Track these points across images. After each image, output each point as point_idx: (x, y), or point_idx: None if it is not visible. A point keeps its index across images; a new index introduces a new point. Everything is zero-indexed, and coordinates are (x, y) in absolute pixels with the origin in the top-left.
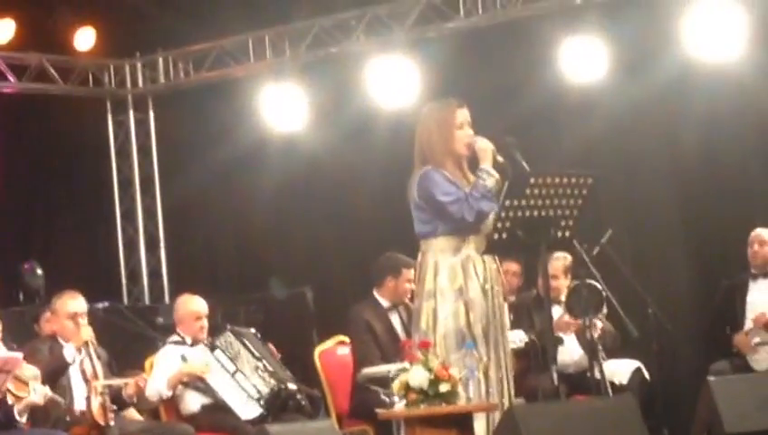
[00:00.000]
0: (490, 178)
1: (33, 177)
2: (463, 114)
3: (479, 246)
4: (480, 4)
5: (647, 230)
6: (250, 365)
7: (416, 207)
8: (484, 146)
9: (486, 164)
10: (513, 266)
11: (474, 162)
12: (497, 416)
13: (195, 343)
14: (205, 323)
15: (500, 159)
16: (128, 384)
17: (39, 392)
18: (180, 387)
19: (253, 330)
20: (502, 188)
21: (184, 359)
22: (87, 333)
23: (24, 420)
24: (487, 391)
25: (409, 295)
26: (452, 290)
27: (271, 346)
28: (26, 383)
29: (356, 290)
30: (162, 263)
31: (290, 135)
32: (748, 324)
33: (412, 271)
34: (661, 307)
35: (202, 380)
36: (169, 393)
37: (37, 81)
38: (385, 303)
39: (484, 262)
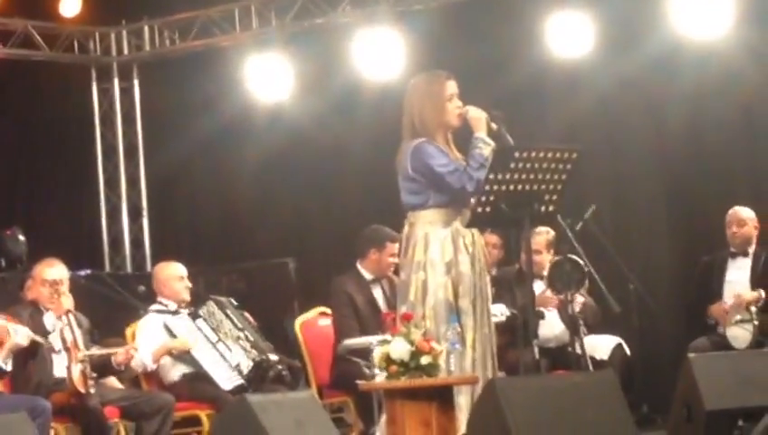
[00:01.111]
0: (486, 147)
1: (17, 143)
2: (452, 86)
3: (464, 219)
4: None
5: (630, 206)
6: (232, 335)
7: (407, 179)
8: (477, 115)
9: (481, 132)
10: (493, 238)
11: (458, 135)
12: (479, 389)
13: (177, 309)
14: (187, 283)
15: (494, 126)
16: (117, 353)
17: (21, 334)
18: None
19: (232, 299)
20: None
21: (167, 328)
22: (67, 302)
23: (8, 367)
24: (472, 364)
25: (392, 269)
26: (442, 262)
27: (247, 315)
28: (6, 328)
29: (339, 261)
30: (145, 231)
31: (275, 105)
32: (727, 303)
33: (396, 245)
34: (643, 283)
35: (186, 352)
36: (154, 366)
37: (22, 47)
38: (368, 275)
39: (472, 235)
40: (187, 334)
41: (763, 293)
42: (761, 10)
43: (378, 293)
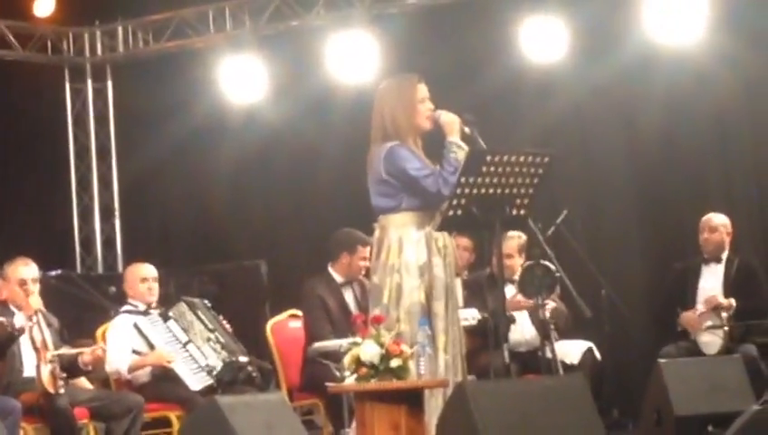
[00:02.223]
0: (460, 151)
1: None
2: (423, 89)
3: (435, 223)
4: None
5: (602, 212)
6: (202, 336)
7: (379, 182)
8: (450, 119)
9: (455, 137)
10: (465, 242)
11: (427, 138)
12: (449, 393)
13: (147, 309)
14: (152, 285)
15: (467, 130)
16: (84, 353)
17: None
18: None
19: (205, 301)
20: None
21: (138, 329)
22: (36, 301)
23: None
24: (446, 368)
25: (364, 272)
26: (416, 266)
27: (222, 319)
28: None
29: (311, 264)
30: (117, 232)
31: (248, 107)
32: (699, 309)
33: (368, 248)
34: (615, 289)
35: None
36: (129, 377)
37: None
38: (339, 278)
39: (444, 238)
40: (162, 344)
41: (734, 302)
42: (734, 17)
43: (349, 296)
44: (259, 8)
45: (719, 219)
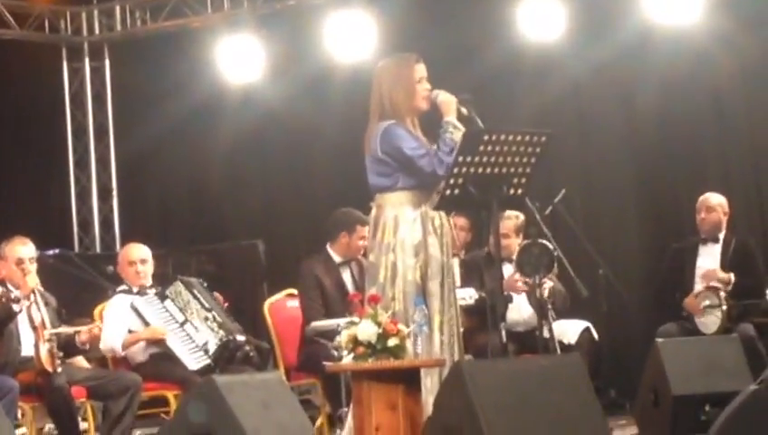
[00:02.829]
0: (457, 131)
1: None
2: (421, 69)
3: (432, 202)
4: None
5: (600, 191)
6: (199, 316)
7: (375, 161)
8: (447, 99)
9: (451, 117)
10: (461, 221)
11: (424, 119)
12: (446, 372)
13: (140, 290)
14: (139, 268)
15: (464, 110)
16: (80, 332)
17: None
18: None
19: (202, 280)
20: None
21: (135, 310)
22: (33, 280)
23: None
24: (440, 347)
25: (362, 252)
26: (412, 245)
27: (217, 295)
28: None
29: (308, 244)
30: (114, 212)
31: (246, 87)
32: (697, 288)
33: (366, 228)
34: (612, 268)
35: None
36: (123, 354)
37: None
38: (337, 258)
39: (440, 217)
40: (157, 320)
41: (733, 276)
42: None
43: (347, 276)
44: None
45: (716, 199)
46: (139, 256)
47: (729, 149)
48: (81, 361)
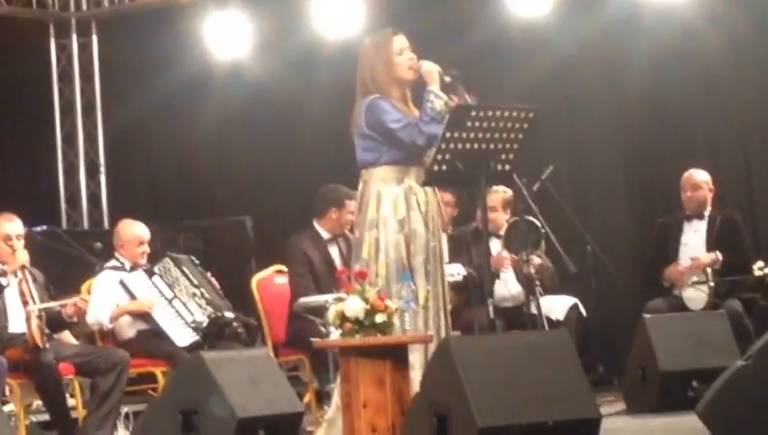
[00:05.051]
0: (438, 100)
1: None
2: (400, 40)
3: (419, 177)
4: None
5: (588, 167)
6: (187, 292)
7: (360, 136)
8: (430, 68)
9: (434, 86)
10: (447, 196)
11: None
12: (433, 348)
13: (133, 267)
14: (146, 248)
15: (447, 79)
16: (66, 305)
17: None
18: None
19: (192, 257)
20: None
21: (123, 285)
22: (22, 256)
23: None
24: (425, 324)
25: (350, 227)
26: (395, 220)
27: (209, 276)
28: None
29: (296, 220)
30: (102, 188)
31: (233, 63)
32: (682, 264)
33: (354, 202)
34: (600, 244)
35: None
36: (110, 326)
37: None
38: (325, 234)
39: (426, 193)
40: (145, 295)
41: (719, 255)
42: None
43: (334, 251)
44: None
45: (701, 176)
46: (147, 237)
47: (717, 125)
48: (68, 337)
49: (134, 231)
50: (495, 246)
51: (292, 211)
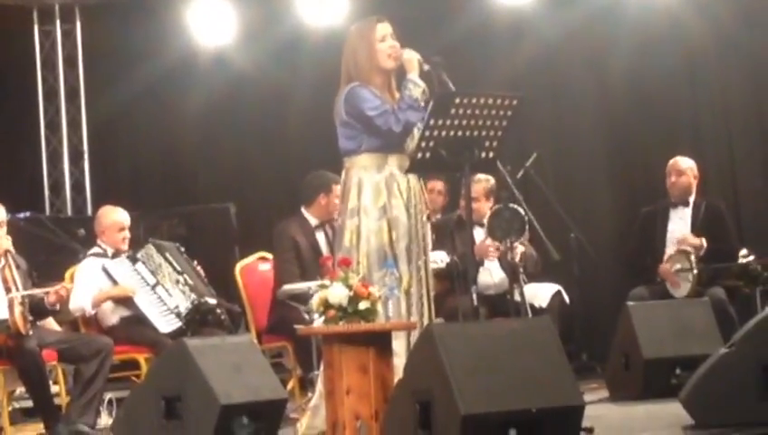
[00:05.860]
0: (416, 88)
1: None
2: (383, 27)
3: (402, 165)
4: None
5: (572, 155)
6: (171, 279)
7: (342, 124)
8: (410, 56)
9: (413, 74)
10: (438, 185)
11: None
12: (416, 335)
13: (116, 254)
14: (127, 234)
15: (426, 67)
16: (49, 293)
17: None
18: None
19: (177, 244)
20: (430, 97)
21: (106, 272)
22: (5, 243)
23: None
24: (408, 310)
25: (338, 212)
26: (375, 208)
27: (196, 264)
28: None
29: (280, 207)
30: (86, 175)
31: (218, 50)
32: (668, 252)
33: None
34: (584, 232)
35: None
36: (93, 312)
37: None
38: (313, 220)
39: (408, 180)
40: (128, 281)
41: (704, 241)
42: None
43: (321, 238)
44: None
45: (685, 163)
46: (127, 222)
47: (701, 113)
48: (51, 323)
49: (114, 217)
50: (479, 234)
51: (277, 198)
